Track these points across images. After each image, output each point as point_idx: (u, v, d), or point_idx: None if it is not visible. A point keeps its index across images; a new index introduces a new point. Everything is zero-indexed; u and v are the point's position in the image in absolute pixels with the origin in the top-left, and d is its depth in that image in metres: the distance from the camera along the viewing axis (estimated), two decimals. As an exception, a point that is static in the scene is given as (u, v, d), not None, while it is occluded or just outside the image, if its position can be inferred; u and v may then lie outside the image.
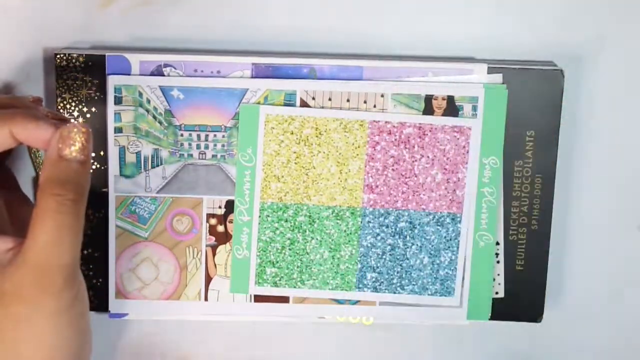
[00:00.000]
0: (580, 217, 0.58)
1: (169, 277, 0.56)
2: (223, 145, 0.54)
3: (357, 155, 0.54)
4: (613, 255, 0.58)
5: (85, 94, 0.54)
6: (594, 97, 0.56)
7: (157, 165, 0.54)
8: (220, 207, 0.55)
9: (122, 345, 0.58)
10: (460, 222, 0.55)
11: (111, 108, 0.54)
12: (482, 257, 0.55)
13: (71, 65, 0.53)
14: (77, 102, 0.54)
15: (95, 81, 0.54)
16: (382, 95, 0.54)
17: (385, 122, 0.54)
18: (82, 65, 0.53)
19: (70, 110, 0.54)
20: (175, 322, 0.58)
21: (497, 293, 0.56)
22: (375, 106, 0.54)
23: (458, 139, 0.54)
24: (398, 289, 0.56)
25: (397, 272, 0.56)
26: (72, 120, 0.53)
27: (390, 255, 0.55)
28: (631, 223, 0.58)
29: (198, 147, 0.54)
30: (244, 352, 0.59)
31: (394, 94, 0.54)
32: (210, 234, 0.55)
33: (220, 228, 0.55)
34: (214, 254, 0.56)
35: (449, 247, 0.55)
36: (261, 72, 0.54)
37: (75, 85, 0.53)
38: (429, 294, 0.56)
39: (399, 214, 0.55)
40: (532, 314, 0.56)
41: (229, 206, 0.55)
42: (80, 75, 0.53)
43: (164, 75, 0.54)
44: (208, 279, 0.56)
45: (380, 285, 0.56)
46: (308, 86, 0.54)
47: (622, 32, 0.56)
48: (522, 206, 0.55)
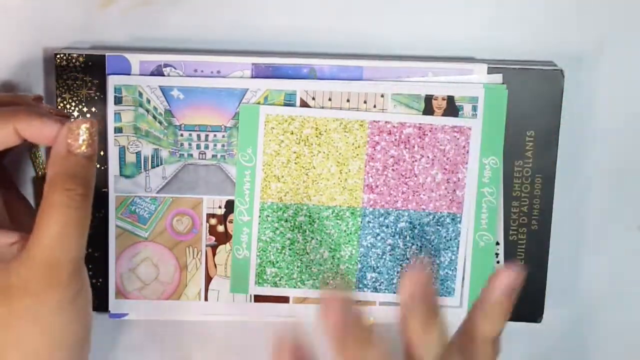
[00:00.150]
0: (580, 217, 0.58)
1: (169, 277, 0.56)
2: (223, 145, 0.54)
3: (357, 155, 0.54)
4: (613, 255, 0.58)
5: (85, 94, 0.54)
6: (594, 97, 0.56)
7: (157, 165, 0.54)
8: (220, 207, 0.55)
9: (122, 345, 0.58)
10: (460, 222, 0.55)
11: (111, 108, 0.54)
12: (482, 257, 0.55)
13: (71, 65, 0.53)
14: (77, 102, 0.54)
15: (95, 81, 0.54)
16: (382, 95, 0.54)
17: (385, 122, 0.54)
18: (82, 65, 0.53)
19: (70, 110, 0.54)
20: (175, 322, 0.58)
21: (497, 293, 0.56)
22: (375, 106, 0.54)
23: (458, 139, 0.54)
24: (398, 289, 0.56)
25: (397, 272, 0.56)
26: (75, 117, 0.53)
27: (390, 255, 0.55)
28: (631, 223, 0.58)
29: (198, 147, 0.54)
30: (244, 352, 0.59)
31: (394, 94, 0.54)
32: (210, 234, 0.55)
33: (220, 228, 0.55)
34: (214, 254, 0.56)
35: (449, 247, 0.55)
36: (261, 72, 0.54)
37: (75, 85, 0.53)
38: (429, 294, 0.56)
39: (399, 214, 0.55)
40: (532, 314, 0.56)
41: (229, 206, 0.55)
42: (80, 75, 0.53)
43: (164, 75, 0.53)
44: (208, 279, 0.56)
45: (380, 285, 0.56)
46: (308, 86, 0.54)
47: (622, 32, 0.56)
48: (522, 206, 0.55)
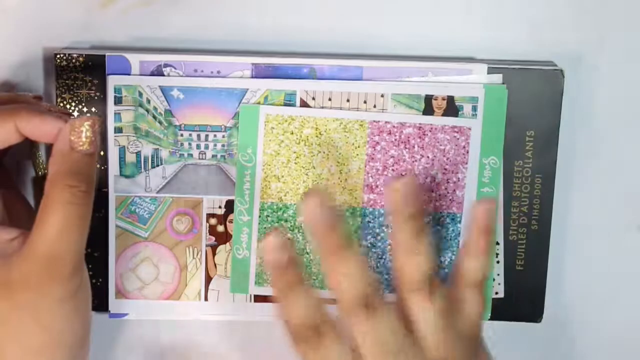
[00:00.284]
0: (580, 217, 0.58)
1: (169, 277, 0.56)
2: (223, 145, 0.54)
3: (357, 155, 0.54)
4: (613, 255, 0.58)
5: (85, 94, 0.54)
6: (594, 97, 0.56)
7: (157, 165, 0.54)
8: (220, 207, 0.55)
9: (122, 345, 0.58)
10: (460, 222, 0.55)
11: (111, 108, 0.54)
12: (482, 257, 0.55)
13: (71, 65, 0.53)
14: (77, 102, 0.54)
15: (95, 81, 0.54)
16: (382, 95, 0.54)
17: (385, 122, 0.54)
18: (82, 65, 0.53)
19: (70, 111, 0.54)
20: (175, 322, 0.58)
21: (497, 293, 0.56)
22: (375, 106, 0.54)
23: (458, 139, 0.54)
24: (398, 289, 0.56)
25: (397, 272, 0.56)
26: (75, 114, 0.53)
27: (391, 255, 0.55)
28: (631, 223, 0.58)
29: (198, 147, 0.54)
30: (244, 352, 0.59)
31: (394, 94, 0.54)
32: (210, 234, 0.55)
33: (220, 228, 0.55)
34: (214, 254, 0.56)
35: (449, 247, 0.55)
36: (261, 72, 0.54)
37: (75, 85, 0.53)
38: (429, 294, 0.56)
39: (399, 214, 0.55)
40: (532, 314, 0.56)
41: (229, 206, 0.55)
42: (80, 75, 0.53)
43: (164, 75, 0.53)
44: (208, 279, 0.56)
45: (380, 285, 0.56)
46: (308, 86, 0.54)
47: (622, 32, 0.56)
48: (522, 206, 0.55)
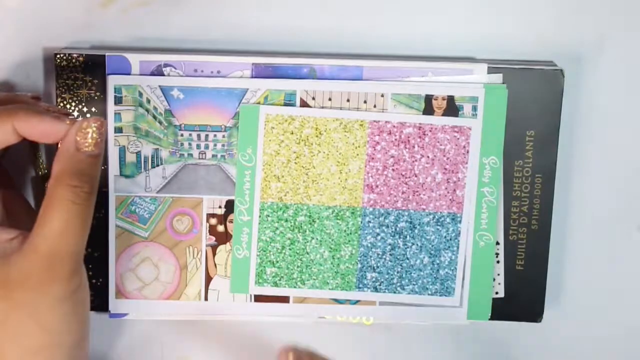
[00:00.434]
0: (580, 217, 0.58)
1: (169, 277, 0.56)
2: (223, 145, 0.54)
3: (357, 155, 0.54)
4: (613, 255, 0.58)
5: (85, 94, 0.54)
6: (594, 97, 0.56)
7: (157, 165, 0.54)
8: (220, 207, 0.55)
9: (122, 345, 0.58)
10: (460, 222, 0.55)
11: (111, 108, 0.54)
12: (482, 257, 0.55)
13: (71, 65, 0.53)
14: (77, 102, 0.54)
15: (95, 81, 0.54)
16: (382, 95, 0.54)
17: (385, 122, 0.54)
18: (82, 65, 0.53)
19: (70, 111, 0.54)
20: (175, 322, 0.58)
21: (497, 293, 0.56)
22: (375, 106, 0.54)
23: (458, 139, 0.54)
24: (398, 288, 0.56)
25: (397, 272, 0.56)
26: (75, 115, 0.53)
27: (390, 255, 0.55)
28: (631, 223, 0.58)
29: (198, 147, 0.54)
30: (244, 352, 0.59)
31: (394, 94, 0.54)
32: (210, 234, 0.55)
33: (220, 228, 0.55)
34: (214, 254, 0.56)
35: (449, 247, 0.55)
36: (261, 72, 0.54)
37: (75, 85, 0.53)
38: (429, 294, 0.56)
39: (399, 214, 0.55)
40: (532, 314, 0.56)
41: (229, 206, 0.55)
42: (80, 75, 0.53)
43: (164, 75, 0.53)
44: (208, 279, 0.56)
45: (380, 285, 0.56)
46: (308, 86, 0.54)
47: (622, 32, 0.56)
48: (522, 206, 0.55)
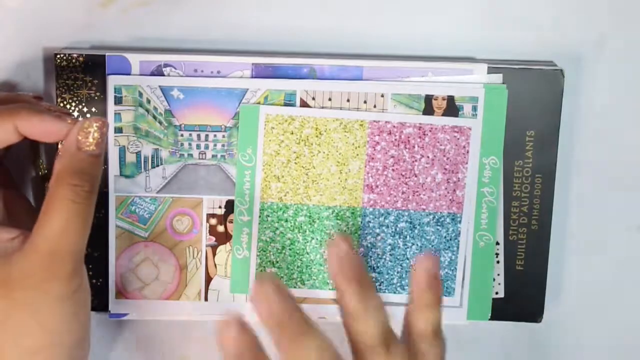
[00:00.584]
0: (580, 217, 0.58)
1: (169, 277, 0.56)
2: (223, 145, 0.54)
3: (357, 155, 0.54)
4: (613, 255, 0.58)
5: (85, 94, 0.54)
6: (594, 97, 0.56)
7: (157, 165, 0.54)
8: (220, 207, 0.55)
9: (122, 345, 0.58)
10: (460, 222, 0.55)
11: (111, 108, 0.54)
12: (482, 257, 0.55)
13: (71, 65, 0.53)
14: (77, 102, 0.54)
15: (95, 81, 0.54)
16: (382, 95, 0.54)
17: (385, 122, 0.54)
18: (82, 65, 0.53)
19: (70, 111, 0.54)
20: (175, 322, 0.58)
21: (497, 293, 0.56)
22: (375, 106, 0.54)
23: (458, 139, 0.54)
24: (398, 289, 0.56)
25: (397, 272, 0.56)
26: (75, 115, 0.53)
27: (390, 255, 0.55)
28: (631, 223, 0.58)
29: (198, 147, 0.54)
30: (244, 352, 0.59)
31: (394, 94, 0.54)
32: (210, 234, 0.55)
33: (220, 228, 0.55)
34: (214, 254, 0.56)
35: (449, 247, 0.55)
36: (261, 72, 0.54)
37: (75, 85, 0.53)
38: (429, 294, 0.56)
39: (399, 214, 0.55)
40: (532, 314, 0.56)
41: (229, 206, 0.55)
42: (80, 75, 0.53)
43: (164, 75, 0.53)
44: (208, 279, 0.56)
45: (380, 285, 0.56)
46: (308, 86, 0.54)
47: (622, 32, 0.56)
48: (522, 206, 0.55)
